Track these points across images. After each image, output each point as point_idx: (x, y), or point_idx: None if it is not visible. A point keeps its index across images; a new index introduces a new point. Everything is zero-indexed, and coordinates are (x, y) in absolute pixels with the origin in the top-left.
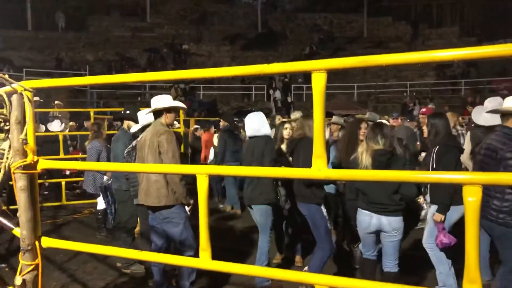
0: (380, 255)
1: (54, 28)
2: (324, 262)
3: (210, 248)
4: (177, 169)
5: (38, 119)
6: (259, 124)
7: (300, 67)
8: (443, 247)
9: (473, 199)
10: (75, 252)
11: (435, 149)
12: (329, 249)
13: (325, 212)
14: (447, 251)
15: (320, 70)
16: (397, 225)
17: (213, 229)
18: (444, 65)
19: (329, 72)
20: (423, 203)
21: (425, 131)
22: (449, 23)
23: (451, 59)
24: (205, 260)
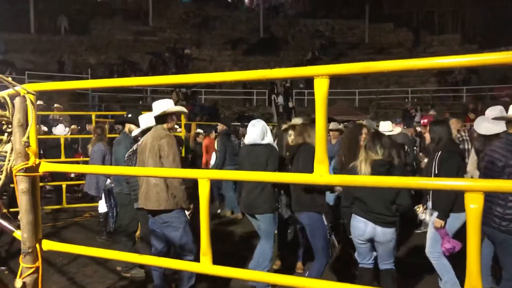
0: (376, 262)
1: (57, 31)
2: (321, 272)
3: (211, 253)
4: (179, 173)
5: (39, 122)
6: (262, 132)
7: (302, 72)
8: (449, 254)
9: (475, 206)
10: (75, 255)
11: (437, 154)
12: (326, 261)
13: (325, 222)
14: (453, 257)
15: (322, 75)
16: (391, 237)
17: (213, 233)
18: (445, 72)
19: (331, 78)
20: (422, 212)
21: (427, 138)
22: (451, 30)
23: (453, 66)
24: (206, 265)
